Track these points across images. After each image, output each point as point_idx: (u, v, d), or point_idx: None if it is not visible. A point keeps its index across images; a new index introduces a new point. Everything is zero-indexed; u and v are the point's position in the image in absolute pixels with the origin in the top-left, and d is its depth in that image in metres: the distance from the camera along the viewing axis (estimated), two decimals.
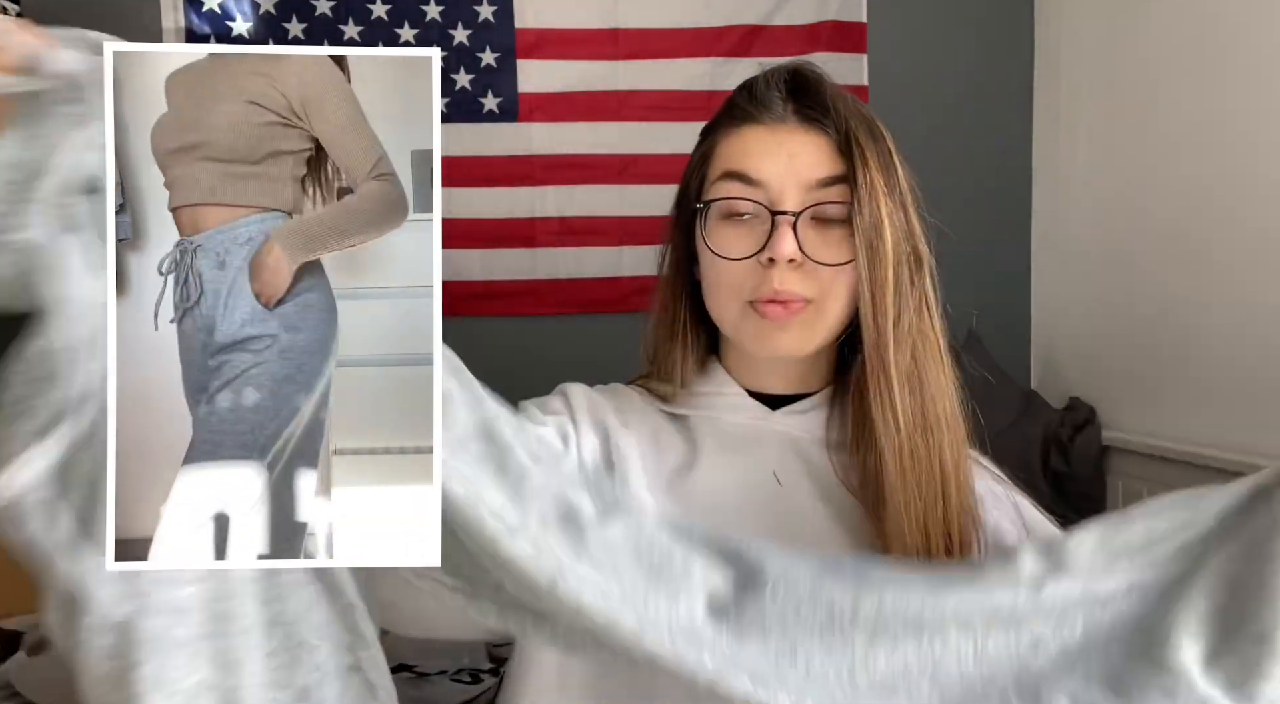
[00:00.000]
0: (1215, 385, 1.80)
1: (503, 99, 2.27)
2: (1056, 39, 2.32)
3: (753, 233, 0.76)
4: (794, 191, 0.75)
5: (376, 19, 2.21)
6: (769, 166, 0.76)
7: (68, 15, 2.16)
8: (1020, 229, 2.42)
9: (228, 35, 2.18)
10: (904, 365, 0.75)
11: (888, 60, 2.32)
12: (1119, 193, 2.08)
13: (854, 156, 0.75)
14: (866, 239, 0.74)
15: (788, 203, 0.75)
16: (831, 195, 0.75)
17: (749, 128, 0.78)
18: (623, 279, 2.32)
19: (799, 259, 0.74)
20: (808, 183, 0.75)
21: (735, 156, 0.78)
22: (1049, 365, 2.37)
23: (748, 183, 0.77)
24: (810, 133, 0.77)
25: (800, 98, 0.78)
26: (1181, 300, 1.88)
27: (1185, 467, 1.84)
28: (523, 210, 2.29)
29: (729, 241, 0.77)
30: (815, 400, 0.83)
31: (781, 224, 0.74)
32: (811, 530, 0.77)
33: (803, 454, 0.81)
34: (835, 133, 0.76)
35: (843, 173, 0.75)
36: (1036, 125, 2.40)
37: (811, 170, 0.76)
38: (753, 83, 0.81)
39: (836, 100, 0.77)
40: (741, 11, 2.29)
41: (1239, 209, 1.72)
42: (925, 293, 0.78)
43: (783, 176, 0.76)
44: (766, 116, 0.78)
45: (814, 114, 0.77)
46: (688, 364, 0.85)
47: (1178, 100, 1.88)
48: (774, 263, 0.74)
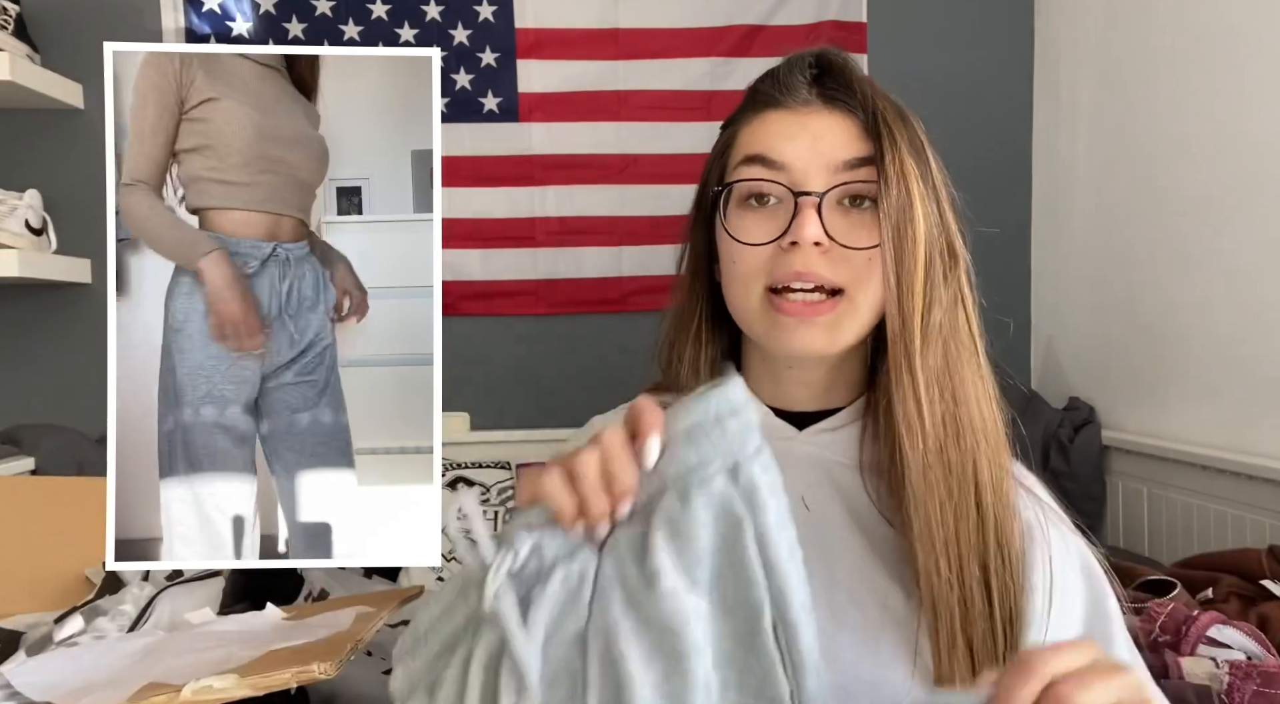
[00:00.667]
0: (1215, 385, 1.80)
1: (503, 99, 2.27)
2: (1056, 38, 2.32)
3: (775, 217, 0.72)
4: (819, 173, 0.71)
5: (376, 19, 2.21)
6: (792, 148, 0.72)
7: (68, 15, 2.17)
8: (1020, 229, 2.42)
9: (228, 35, 2.18)
10: (933, 364, 0.70)
11: (888, 60, 2.32)
12: (1119, 193, 2.08)
13: (882, 137, 0.71)
14: (895, 222, 0.69)
15: (812, 184, 0.71)
16: (859, 176, 0.71)
17: (771, 112, 0.75)
18: (622, 279, 2.31)
19: (824, 243, 0.70)
20: (834, 164, 0.71)
21: (756, 140, 0.74)
22: (1049, 365, 2.37)
23: (770, 166, 0.72)
24: (836, 114, 0.73)
25: (825, 81, 0.75)
26: (1181, 300, 1.88)
27: (1185, 467, 1.84)
28: (523, 210, 2.29)
29: (750, 226, 0.73)
30: (845, 416, 0.77)
31: (805, 206, 0.70)
32: (843, 565, 0.71)
33: (833, 477, 0.75)
34: (863, 114, 0.72)
35: (870, 154, 0.71)
36: (1036, 125, 2.40)
37: (837, 151, 0.71)
38: (775, 69, 0.77)
39: (864, 83, 0.74)
40: (741, 11, 2.29)
41: (1239, 209, 1.72)
42: (962, 291, 0.74)
43: (806, 158, 0.72)
44: (790, 100, 0.74)
45: (840, 95, 0.73)
46: (701, 366, 0.80)
47: (1178, 100, 1.88)
48: (797, 246, 0.70)
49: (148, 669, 0.83)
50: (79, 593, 1.31)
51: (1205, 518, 1.79)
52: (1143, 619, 1.11)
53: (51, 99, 2.02)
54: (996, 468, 0.71)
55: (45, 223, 1.99)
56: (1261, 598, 1.29)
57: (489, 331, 2.30)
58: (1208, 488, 1.78)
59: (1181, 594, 1.26)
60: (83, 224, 2.05)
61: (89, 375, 1.89)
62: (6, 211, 1.88)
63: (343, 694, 1.14)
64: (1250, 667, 1.02)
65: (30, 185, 1.98)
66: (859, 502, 0.73)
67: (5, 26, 1.94)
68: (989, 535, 0.69)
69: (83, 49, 2.09)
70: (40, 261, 1.94)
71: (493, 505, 2.08)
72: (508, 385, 2.30)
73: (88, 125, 2.11)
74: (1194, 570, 1.41)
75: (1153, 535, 1.95)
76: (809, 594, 0.53)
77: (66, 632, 1.08)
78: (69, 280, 2.04)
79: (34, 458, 1.77)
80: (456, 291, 2.26)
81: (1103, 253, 2.15)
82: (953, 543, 0.68)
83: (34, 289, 2.10)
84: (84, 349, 2.12)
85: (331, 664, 0.76)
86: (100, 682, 0.82)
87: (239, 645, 0.86)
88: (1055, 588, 0.70)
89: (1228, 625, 1.10)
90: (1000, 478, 0.71)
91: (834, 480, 0.75)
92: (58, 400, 2.06)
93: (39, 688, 0.82)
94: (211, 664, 0.81)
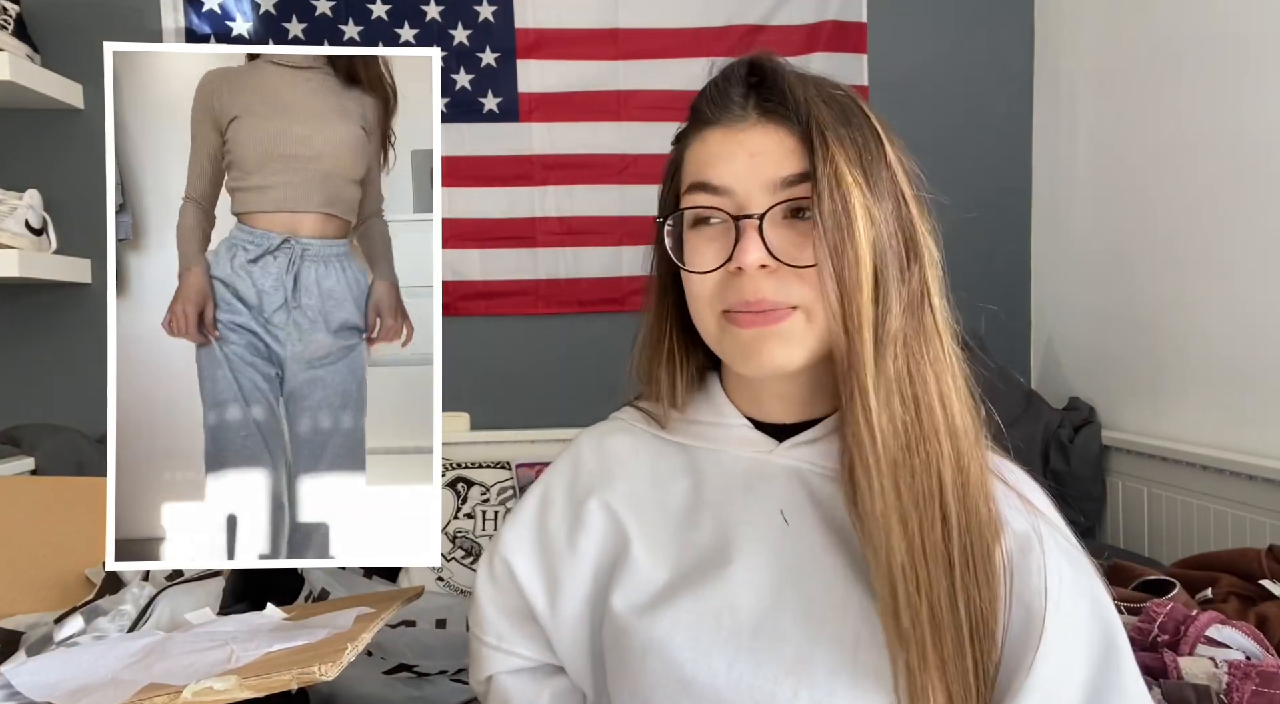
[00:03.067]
0: (1215, 385, 1.80)
1: (503, 99, 2.27)
2: (1056, 39, 2.32)
3: (720, 239, 0.72)
4: (759, 193, 0.71)
5: (376, 19, 2.21)
6: (730, 170, 0.71)
7: (68, 15, 2.17)
8: (1020, 229, 2.42)
9: (228, 35, 2.18)
10: (891, 372, 0.68)
11: (888, 60, 2.32)
12: (1119, 193, 2.08)
13: (815, 150, 0.69)
14: (831, 240, 0.67)
15: (753, 205, 0.71)
16: (799, 193, 0.70)
17: (709, 131, 0.74)
18: (622, 279, 2.32)
19: (770, 264, 0.70)
20: (773, 182, 0.70)
21: (697, 165, 0.74)
22: (1049, 365, 2.37)
23: (712, 192, 0.72)
24: (770, 127, 0.71)
25: (760, 91, 0.73)
26: (1182, 301, 1.88)
27: (1185, 467, 1.84)
28: (523, 210, 2.29)
29: (698, 253, 0.73)
30: (824, 427, 0.77)
31: (747, 229, 0.70)
32: (820, 580, 0.71)
33: (811, 489, 0.75)
34: (798, 124, 0.70)
35: (809, 168, 0.69)
36: (1036, 125, 2.40)
37: (776, 168, 0.70)
38: (711, 84, 0.76)
39: (797, 88, 0.71)
40: (741, 11, 2.29)
41: (1239, 209, 1.72)
42: (925, 286, 0.71)
43: (746, 179, 0.71)
44: (725, 117, 0.73)
45: (774, 106, 0.72)
46: (678, 385, 0.81)
47: (1177, 100, 1.88)
48: (743, 270, 0.70)
49: (148, 669, 0.83)
50: (79, 593, 1.31)
51: (1205, 518, 1.79)
52: (1141, 619, 1.11)
53: (51, 99, 2.02)
54: (961, 473, 0.69)
55: (45, 223, 2.00)
56: (1260, 598, 1.29)
57: (489, 332, 2.30)
58: (1207, 488, 1.78)
59: (1181, 594, 1.25)
60: (83, 224, 2.05)
61: (89, 375, 1.89)
62: (6, 211, 1.89)
63: (343, 694, 1.14)
64: (1249, 666, 1.02)
65: (30, 185, 1.98)
66: (839, 513, 0.73)
67: (5, 26, 1.94)
68: (954, 545, 0.67)
69: (83, 49, 2.09)
70: (40, 261, 1.94)
71: (493, 505, 2.08)
72: (508, 385, 2.30)
73: (88, 125, 2.11)
74: (1193, 570, 1.41)
75: (1152, 535, 1.95)
76: None
77: (66, 632, 1.08)
78: (69, 280, 2.04)
79: (34, 458, 1.77)
80: (456, 291, 2.26)
81: (1103, 253, 2.15)
82: (919, 558, 0.66)
83: (34, 289, 2.10)
84: (84, 349, 2.12)
85: (332, 665, 0.76)
86: (100, 682, 0.82)
87: (239, 646, 0.86)
88: (1054, 608, 0.68)
89: (1227, 625, 1.10)
90: (967, 482, 0.69)
91: (813, 492, 0.75)
92: (58, 400, 2.06)
93: (39, 688, 0.82)
94: (211, 664, 0.81)
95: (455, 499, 2.08)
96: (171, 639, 0.95)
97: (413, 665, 1.30)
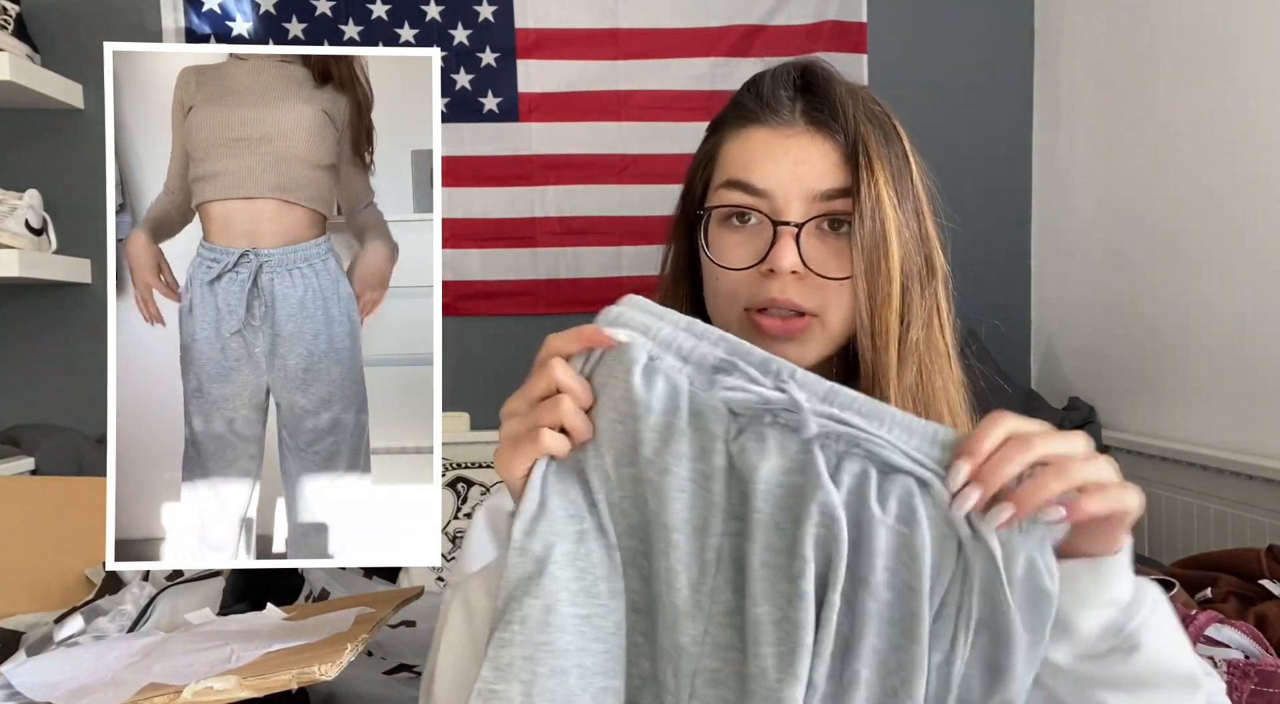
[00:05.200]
0: (1215, 385, 1.80)
1: (503, 99, 2.27)
2: (1056, 39, 2.32)
3: (754, 241, 0.73)
4: (798, 202, 0.72)
5: (376, 19, 2.21)
6: (773, 174, 0.73)
7: (68, 15, 2.16)
8: (1020, 229, 2.42)
9: (227, 35, 2.18)
10: (908, 382, 0.72)
11: (888, 60, 2.32)
12: (1119, 193, 2.08)
13: (860, 167, 0.71)
14: (868, 257, 0.71)
15: (791, 213, 0.72)
16: (837, 207, 0.72)
17: (754, 130, 0.75)
18: (622, 279, 2.32)
19: (801, 271, 0.72)
20: (813, 193, 0.72)
21: (739, 163, 0.75)
22: (1049, 365, 2.37)
23: (751, 192, 0.74)
24: (818, 138, 0.73)
25: (810, 98, 0.75)
26: (1181, 301, 1.88)
27: (1185, 467, 1.84)
28: (523, 210, 2.29)
29: (730, 250, 0.74)
30: None
31: (784, 235, 0.72)
32: None
33: None
34: (844, 139, 0.73)
35: (849, 185, 0.72)
36: (1036, 125, 2.40)
37: (818, 180, 0.72)
38: (760, 80, 0.77)
39: (847, 101, 0.74)
40: (741, 11, 2.29)
41: (1239, 209, 1.72)
42: (938, 303, 0.75)
43: (787, 185, 0.73)
44: (773, 118, 0.74)
45: (823, 117, 0.73)
46: None
47: (1178, 100, 1.88)
48: (774, 273, 0.72)
49: (148, 669, 0.83)
50: (79, 593, 1.32)
51: (1205, 518, 1.79)
52: None
53: (51, 99, 2.02)
54: None
55: (45, 223, 2.00)
56: (1260, 597, 1.29)
57: (489, 331, 2.30)
58: (1207, 488, 1.78)
59: (1180, 594, 1.26)
60: (83, 224, 2.05)
61: (89, 375, 1.89)
62: (6, 211, 1.89)
63: (342, 694, 1.14)
64: (1248, 666, 1.02)
65: (30, 185, 1.98)
66: None
67: (5, 26, 1.94)
68: None
69: (83, 49, 2.08)
70: (40, 261, 1.94)
71: None
72: (508, 385, 2.29)
73: (88, 125, 2.11)
74: (1193, 570, 1.41)
75: (1152, 535, 1.95)
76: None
77: (66, 632, 1.08)
78: (69, 280, 2.04)
79: (34, 458, 1.78)
80: (456, 291, 2.26)
81: (1103, 253, 2.15)
82: None
83: (34, 289, 2.10)
84: (84, 349, 2.12)
85: (332, 665, 0.76)
86: (100, 682, 0.82)
87: (239, 646, 0.86)
88: None
89: (1226, 625, 1.11)
90: None
91: None
92: (58, 400, 2.06)
93: (39, 688, 0.82)
94: (211, 664, 0.81)
95: (455, 499, 2.08)
96: (171, 639, 0.95)
97: (413, 665, 1.30)
